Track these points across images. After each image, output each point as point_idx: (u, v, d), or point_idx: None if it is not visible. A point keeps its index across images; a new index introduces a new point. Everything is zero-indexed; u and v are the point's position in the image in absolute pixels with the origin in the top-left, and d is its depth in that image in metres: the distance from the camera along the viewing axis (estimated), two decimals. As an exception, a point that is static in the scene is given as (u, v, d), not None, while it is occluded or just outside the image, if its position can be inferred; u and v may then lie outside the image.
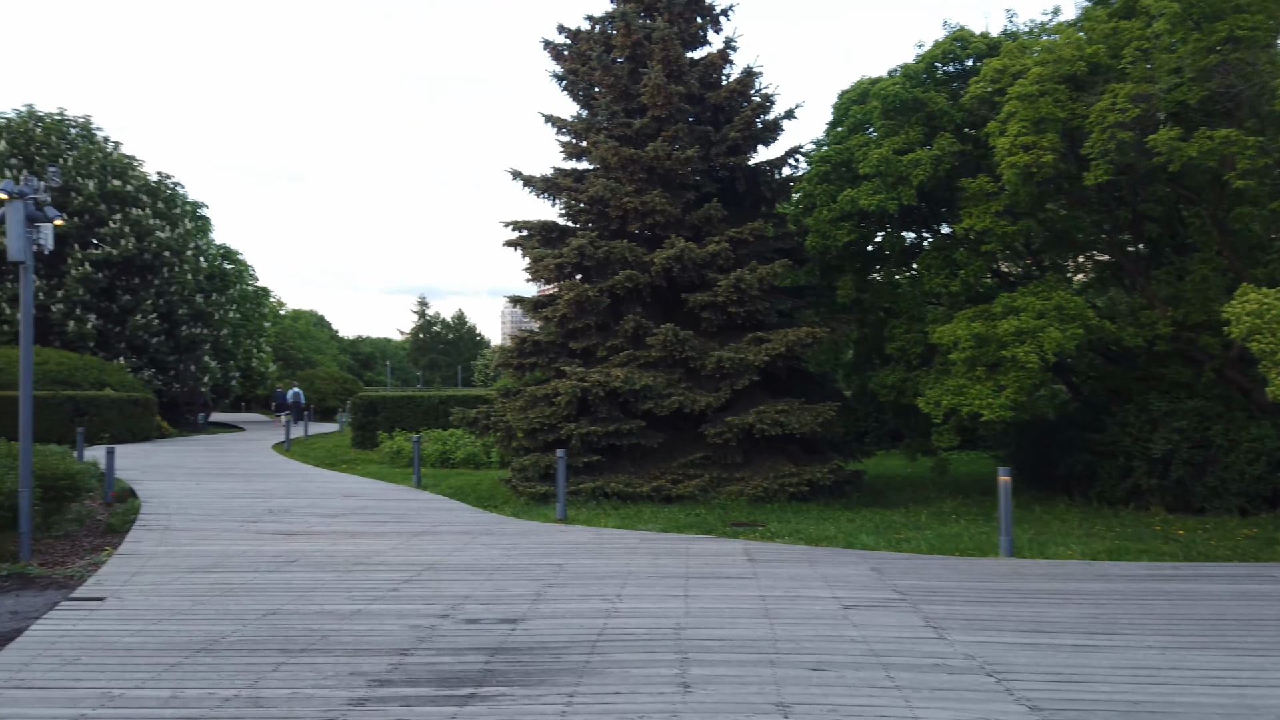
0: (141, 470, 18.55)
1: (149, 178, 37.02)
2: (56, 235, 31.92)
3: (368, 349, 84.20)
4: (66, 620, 7.05)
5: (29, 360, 10.63)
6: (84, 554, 10.44)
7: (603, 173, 16.00)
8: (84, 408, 26.42)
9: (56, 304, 32.35)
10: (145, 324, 33.80)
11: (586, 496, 14.01)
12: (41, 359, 28.85)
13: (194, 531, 11.33)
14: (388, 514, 13.05)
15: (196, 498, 14.55)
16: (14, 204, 10.25)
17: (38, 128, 35.17)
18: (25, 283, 10.56)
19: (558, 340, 15.91)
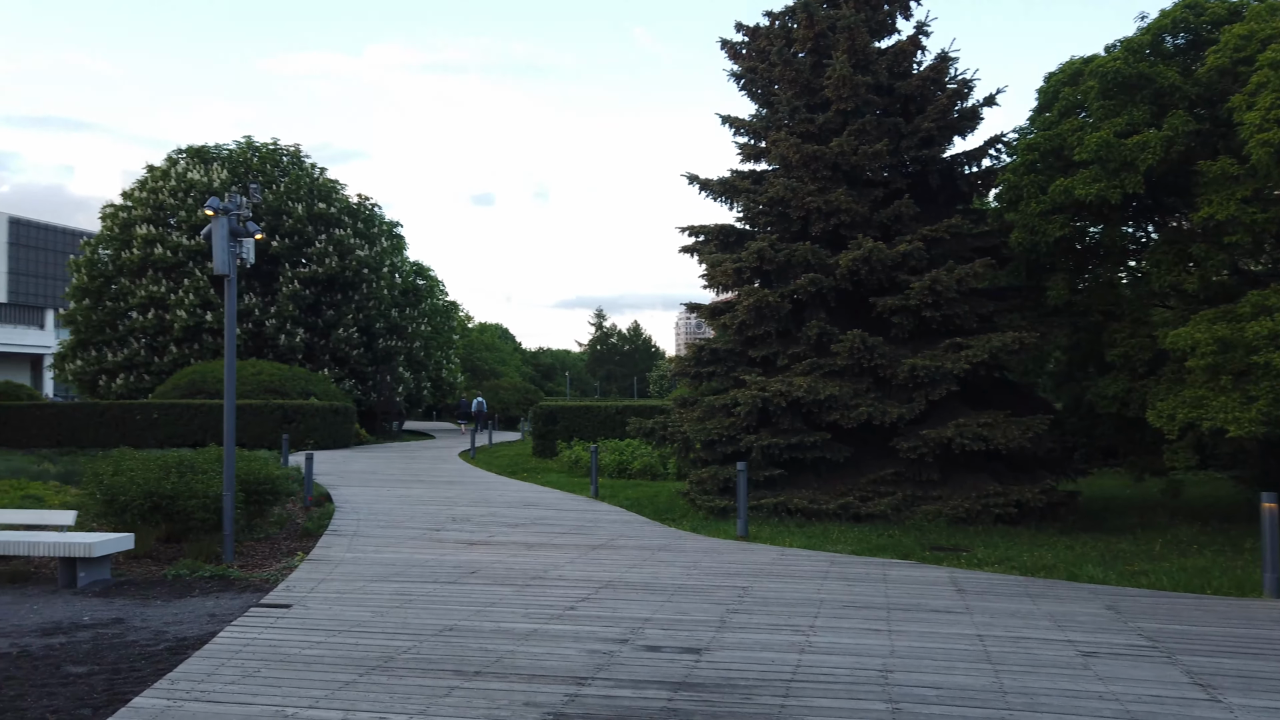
0: (339, 476, 19.40)
1: (350, 200, 39.45)
2: (271, 255, 34.52)
3: (548, 360, 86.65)
4: (253, 628, 7.08)
5: (233, 371, 11.10)
6: (280, 557, 10.76)
7: (783, 172, 15.27)
8: (291, 415, 28.19)
9: (270, 319, 34.91)
10: (346, 337, 35.91)
11: (768, 512, 13.28)
12: (256, 370, 31.16)
13: (380, 538, 11.49)
14: (566, 525, 12.83)
15: (386, 504, 14.92)
16: (219, 220, 10.74)
17: (254, 157, 38.25)
18: (229, 295, 11.05)
19: (736, 348, 15.28)
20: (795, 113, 15.38)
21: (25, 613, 8.23)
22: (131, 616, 8.04)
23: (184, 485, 10.78)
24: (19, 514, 10.09)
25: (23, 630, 7.58)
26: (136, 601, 8.66)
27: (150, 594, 8.99)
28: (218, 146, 38.82)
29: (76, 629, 7.62)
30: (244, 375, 30.47)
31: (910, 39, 15.39)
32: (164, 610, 8.27)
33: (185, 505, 10.60)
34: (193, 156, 38.40)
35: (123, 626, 7.66)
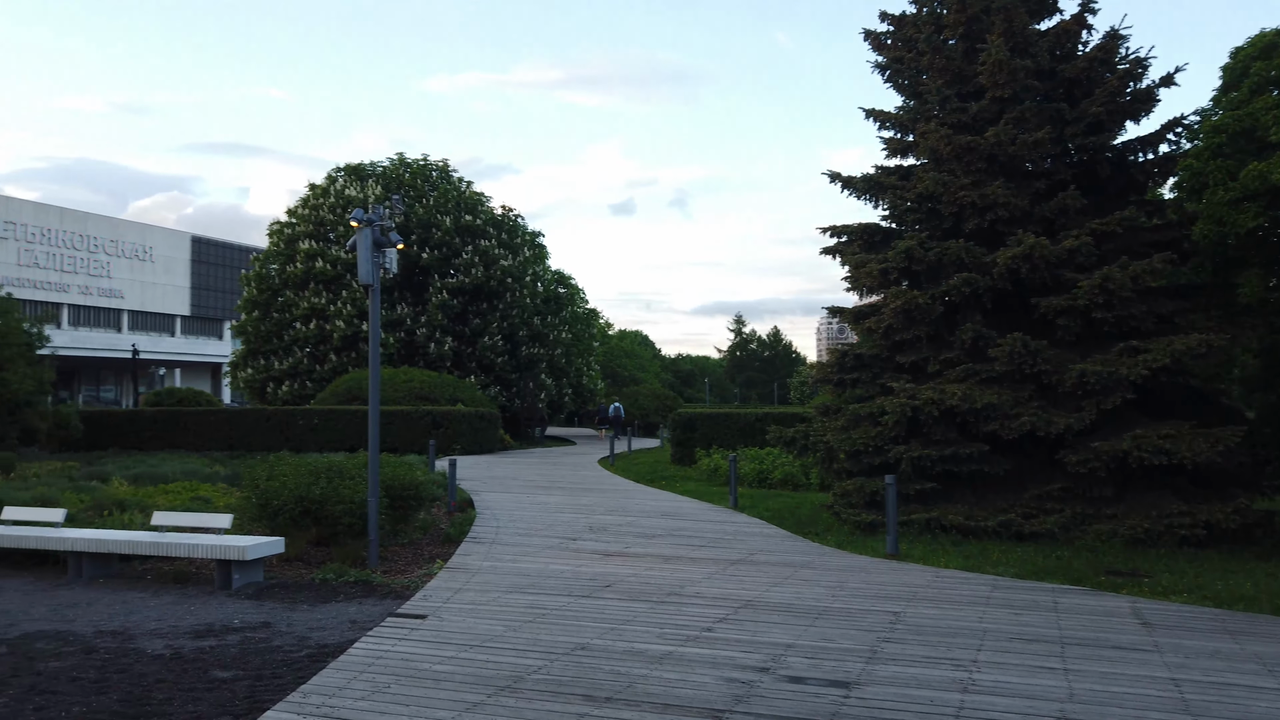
0: (482, 481, 19.71)
1: (495, 212, 40.51)
2: (422, 266, 35.68)
3: (687, 367, 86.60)
4: (388, 639, 7.05)
5: (377, 377, 11.31)
6: (422, 564, 10.86)
7: (933, 166, 14.40)
8: (440, 421, 29.04)
9: (420, 328, 36.21)
10: (492, 345, 36.82)
11: (919, 529, 12.47)
12: (408, 377, 32.32)
13: (518, 547, 11.44)
14: (704, 537, 12.44)
15: (525, 510, 14.97)
16: (363, 231, 10.97)
17: (406, 173, 39.83)
18: (373, 304, 11.27)
19: (882, 353, 14.51)
20: (946, 102, 14.49)
21: (183, 613, 8.56)
22: (278, 620, 8.21)
23: (331, 490, 11.04)
24: (183, 516, 10.59)
25: (178, 631, 7.85)
26: (285, 605, 8.86)
27: (298, 598, 9.20)
28: (373, 164, 40.67)
29: (227, 631, 7.82)
30: (396, 382, 31.66)
31: (1074, 18, 14.21)
32: (309, 615, 8.41)
33: (332, 510, 10.86)
34: (350, 174, 40.36)
35: (269, 631, 7.82)
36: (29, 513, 11.00)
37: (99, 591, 9.56)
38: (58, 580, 10.13)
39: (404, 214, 37.33)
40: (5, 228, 65.41)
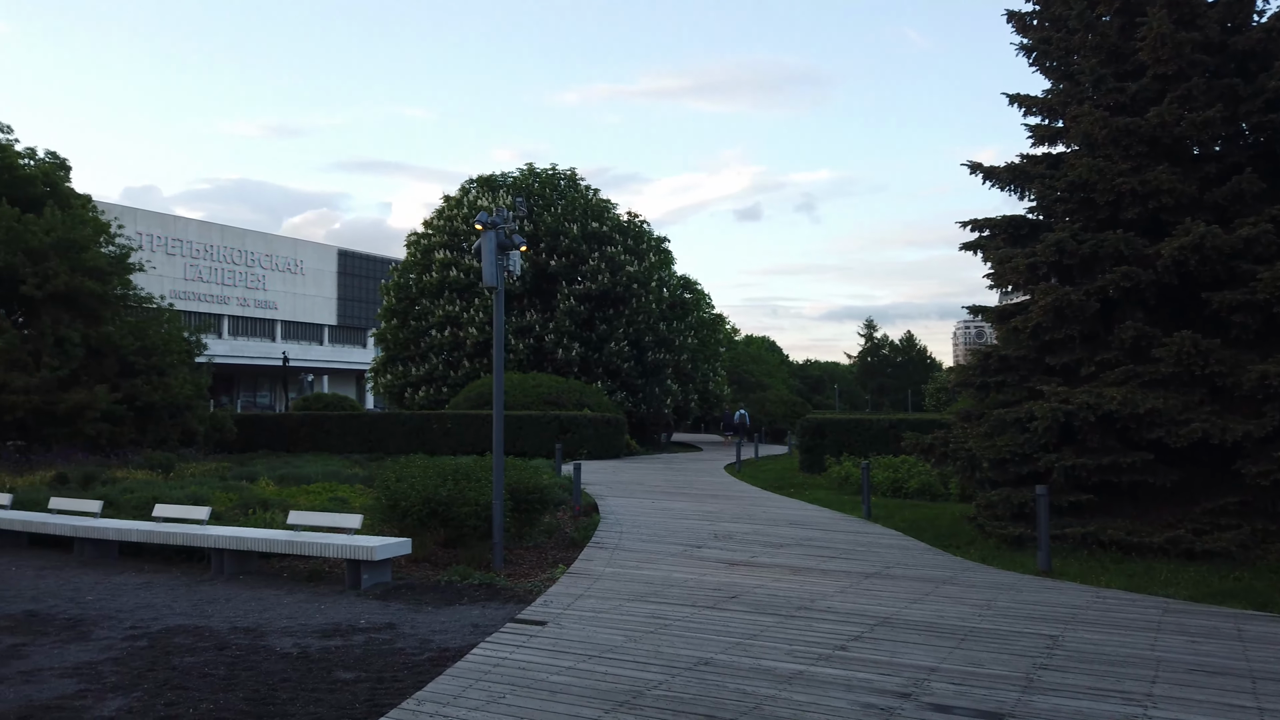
0: (607, 486, 19.61)
1: (620, 218, 40.69)
2: (550, 274, 36.13)
3: (816, 373, 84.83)
4: (506, 645, 6.89)
5: (500, 381, 11.28)
6: (545, 567, 10.74)
7: (1086, 152, 13.33)
8: (567, 426, 29.26)
9: (549, 334, 36.70)
10: (618, 350, 36.93)
11: (1074, 544, 11.49)
12: (536, 382, 32.77)
13: (641, 553, 11.17)
14: (835, 548, 11.85)
15: (650, 516, 14.71)
16: (487, 234, 10.97)
17: (535, 183, 40.51)
18: (497, 306, 11.26)
19: (1030, 355, 13.51)
20: (1100, 83, 13.39)
21: (313, 611, 8.68)
22: (403, 622, 8.20)
23: (457, 492, 11.08)
24: (316, 516, 10.84)
25: (307, 630, 7.93)
26: (410, 607, 8.87)
27: (423, 599, 9.20)
28: (504, 175, 41.56)
29: (353, 632, 7.85)
30: (525, 387, 32.13)
31: (1249, -17, 12.88)
32: (433, 617, 8.37)
33: (458, 512, 10.89)
34: (482, 185, 41.37)
35: (393, 633, 7.80)
36: (178, 510, 11.51)
37: (237, 588, 9.85)
38: (201, 576, 10.53)
39: (532, 222, 37.97)
40: (173, 245, 70.62)
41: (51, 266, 24.13)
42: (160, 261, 69.48)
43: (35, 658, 6.97)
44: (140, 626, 8.00)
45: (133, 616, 8.39)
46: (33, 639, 7.55)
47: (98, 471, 20.42)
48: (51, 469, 20.71)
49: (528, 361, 36.26)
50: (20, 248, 23.77)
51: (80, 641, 7.47)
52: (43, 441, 23.88)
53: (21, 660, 6.90)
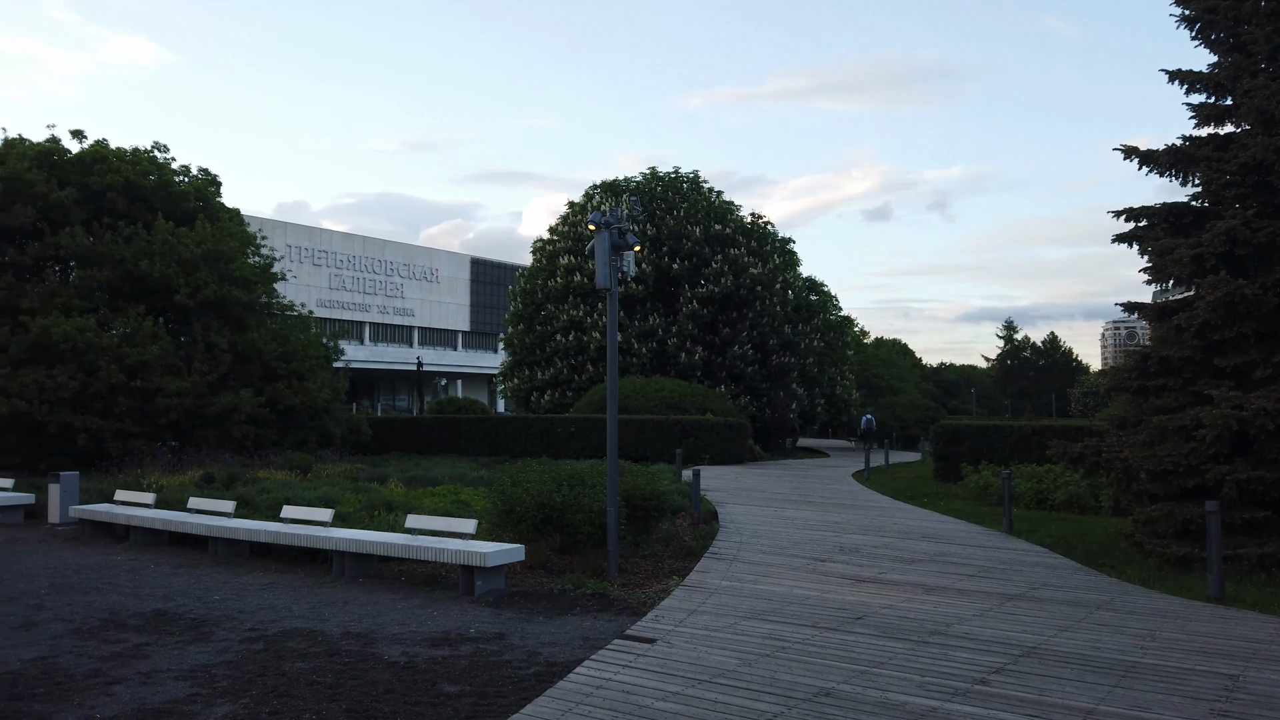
0: (728, 493, 19.10)
1: (744, 220, 40.08)
2: (673, 277, 35.83)
3: (951, 376, 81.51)
4: (612, 664, 6.53)
5: (614, 384, 10.99)
6: (661, 578, 10.37)
7: (1260, 130, 11.97)
8: (689, 430, 28.88)
9: (671, 338, 36.46)
10: (741, 354, 36.32)
11: (1251, 567, 10.25)
12: (659, 386, 32.55)
13: (760, 566, 10.64)
14: (973, 565, 10.99)
15: (771, 526, 14.13)
16: (601, 235, 10.70)
17: (657, 186, 40.38)
18: (611, 307, 10.97)
19: (1195, 356, 12.21)
20: (1277, 53, 12.00)
21: (425, 618, 8.58)
22: (512, 632, 7.98)
23: (571, 498, 10.85)
24: (432, 520, 10.82)
25: (417, 637, 7.81)
26: (521, 615, 8.67)
27: (535, 608, 8.99)
28: (626, 180, 41.63)
29: (462, 641, 7.68)
30: (646, 391, 31.96)
31: None
32: (543, 628, 8.12)
33: (572, 519, 10.65)
34: (605, 191, 41.57)
35: (501, 644, 7.59)
36: (303, 512, 11.74)
37: (356, 591, 9.90)
38: (323, 577, 10.67)
39: (655, 225, 37.82)
40: (319, 256, 74.50)
41: (202, 276, 25.51)
42: (307, 272, 73.45)
43: (156, 658, 7.09)
44: (258, 629, 8.07)
45: (253, 618, 8.51)
46: (157, 639, 7.71)
47: (241, 471, 21.39)
48: (201, 469, 21.85)
49: (650, 365, 36.10)
50: (174, 259, 25.23)
51: (200, 643, 7.58)
52: (194, 442, 25.26)
53: (143, 661, 7.02)
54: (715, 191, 40.77)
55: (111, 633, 7.89)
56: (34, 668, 6.77)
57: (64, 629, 8.00)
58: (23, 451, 22.79)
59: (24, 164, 24.91)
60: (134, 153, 28.12)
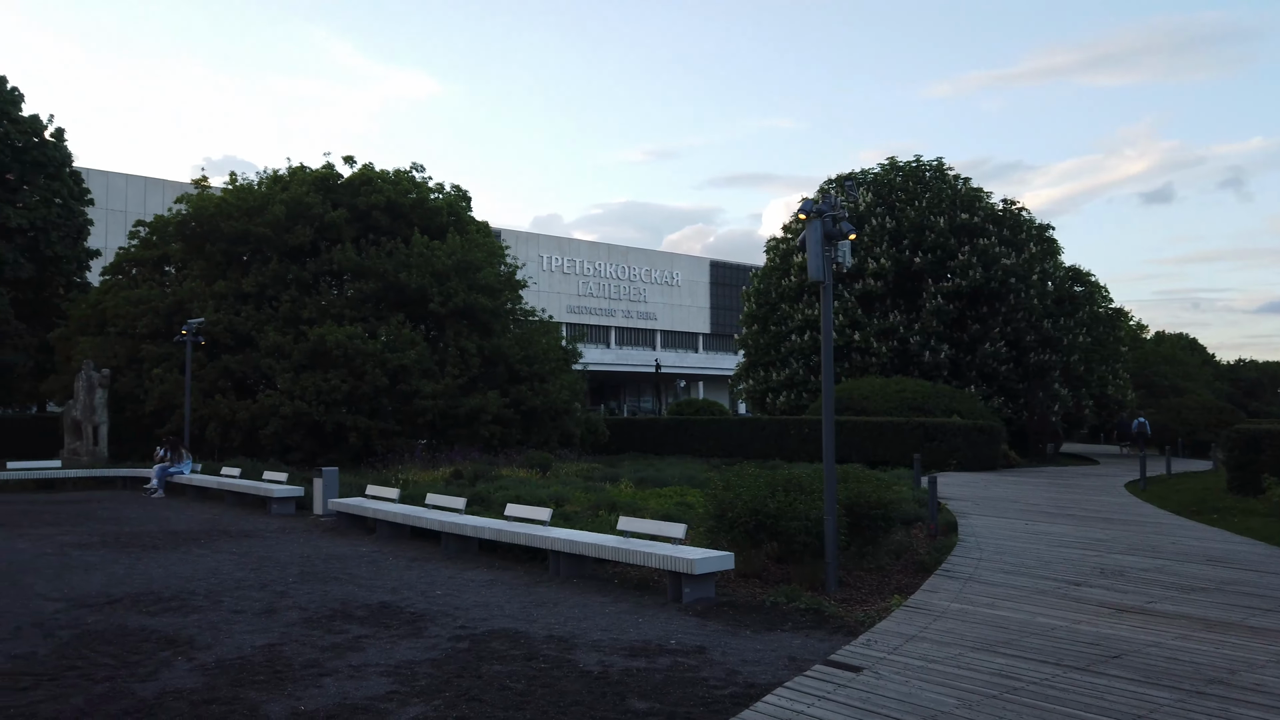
0: (973, 502, 17.56)
1: (994, 207, 37.20)
2: (914, 271, 33.96)
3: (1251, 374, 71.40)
4: (808, 694, 5.90)
5: (830, 384, 10.26)
6: (885, 594, 9.54)
7: None
8: (932, 434, 27.10)
9: (914, 335, 34.50)
10: (993, 352, 33.70)
11: None
12: (899, 387, 30.86)
13: (999, 587, 9.47)
14: (1271, 597, 9.17)
15: (1018, 542, 12.70)
16: (812, 223, 10.04)
17: (897, 176, 38.43)
18: (825, 303, 10.26)
19: None
20: None
21: (628, 625, 8.35)
22: (714, 646, 7.56)
23: (787, 505, 10.25)
24: (643, 523, 10.62)
25: (617, 645, 7.58)
26: (727, 628, 8.22)
27: (743, 621, 8.51)
28: (863, 172, 40.02)
29: (660, 653, 7.36)
30: (887, 392, 30.41)
31: None
32: (748, 644, 7.63)
33: (786, 526, 10.05)
34: (839, 185, 40.18)
35: (701, 658, 7.18)
36: (525, 510, 11.98)
37: (568, 591, 9.89)
38: (540, 576, 10.79)
39: (894, 218, 36.01)
40: (569, 264, 78.44)
41: (452, 286, 27.31)
42: (557, 280, 77.60)
43: (369, 652, 7.34)
44: (468, 627, 8.20)
45: (466, 615, 8.67)
46: (376, 632, 8.02)
47: (486, 469, 22.59)
48: (452, 466, 23.31)
49: (890, 365, 34.37)
50: (428, 270, 27.17)
51: (412, 639, 7.79)
52: (447, 441, 27.06)
53: (357, 653, 7.29)
54: (962, 179, 38.17)
55: (338, 623, 8.31)
56: (262, 654, 7.22)
57: (298, 617, 8.54)
58: (306, 448, 25.44)
59: (304, 189, 27.87)
60: (395, 174, 30.68)
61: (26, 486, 21.53)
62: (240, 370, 25.73)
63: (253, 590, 9.78)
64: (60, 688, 6.36)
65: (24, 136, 34.48)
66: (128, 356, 26.59)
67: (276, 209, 26.85)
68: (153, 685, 6.41)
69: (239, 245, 27.38)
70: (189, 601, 9.17)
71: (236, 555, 12.17)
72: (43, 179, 34.92)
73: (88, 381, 25.17)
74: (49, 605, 9.01)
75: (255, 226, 26.80)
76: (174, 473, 20.36)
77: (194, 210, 27.90)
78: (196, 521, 15.75)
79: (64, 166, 36.02)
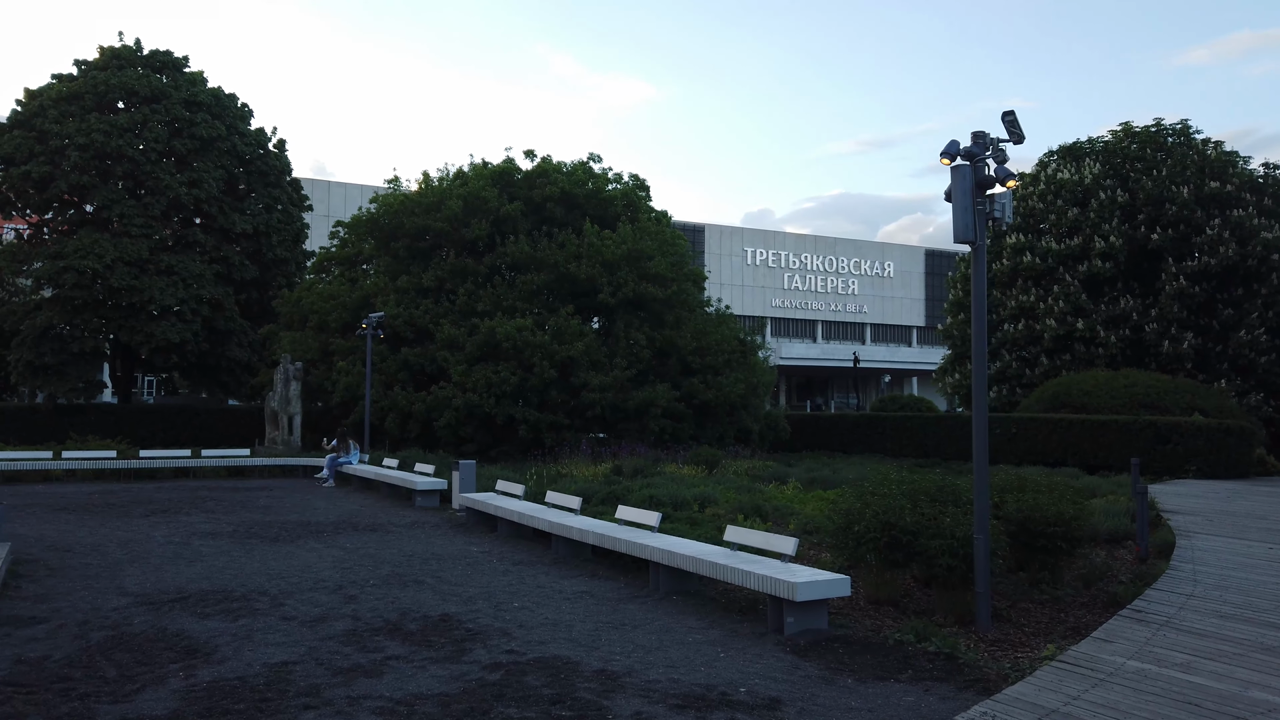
0: (1206, 518, 14.42)
1: (1253, 173, 31.78)
2: (1151, 249, 29.44)
3: None
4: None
5: (982, 369, 8.25)
6: (1057, 635, 7.49)
7: None
8: (1165, 435, 23.21)
9: (1150, 323, 30.10)
10: (1250, 340, 28.74)
11: None
12: (1128, 381, 26.86)
13: (1206, 638, 7.12)
14: None
15: (1252, 573, 9.92)
16: (960, 170, 8.09)
17: (1132, 144, 33.71)
18: (977, 267, 8.28)
19: None
20: None
21: (703, 661, 6.90)
22: (795, 699, 5.98)
23: (931, 517, 8.37)
24: (751, 534, 9.03)
25: (671, 690, 6.18)
26: (825, 672, 6.59)
27: (849, 663, 6.84)
28: (1091, 141, 35.51)
29: (720, 705, 5.88)
30: (1112, 387, 26.54)
31: None
32: (844, 697, 6.01)
33: (926, 545, 8.17)
34: (1064, 156, 35.93)
35: (770, 718, 5.63)
36: (634, 514, 10.74)
37: (660, 611, 8.55)
38: (640, 589, 9.50)
39: (1127, 190, 31.54)
40: (774, 258, 76.57)
41: (622, 276, 26.52)
42: (763, 275, 75.99)
43: (386, 679, 6.37)
44: (517, 652, 7.06)
45: (525, 636, 7.55)
46: (413, 652, 7.06)
47: (648, 465, 21.57)
48: (616, 460, 22.49)
49: (1123, 357, 30.14)
50: (598, 261, 26.54)
51: (446, 663, 6.75)
52: (616, 435, 26.33)
53: (371, 679, 6.34)
54: (1214, 143, 32.83)
55: (380, 639, 7.42)
56: (267, 675, 6.42)
57: (342, 628, 7.74)
58: (479, 440, 25.53)
59: (481, 184, 28.07)
60: (573, 165, 30.36)
61: (220, 473, 22.87)
62: (418, 363, 26.23)
63: (324, 593, 9.15)
64: (28, 704, 5.80)
65: (250, 149, 37.43)
66: (320, 350, 27.86)
67: (453, 204, 27.18)
68: (120, 709, 5.72)
69: (420, 241, 27.98)
70: (252, 603, 8.64)
71: (345, 551, 11.74)
72: (265, 187, 37.76)
73: (284, 374, 26.58)
74: (116, 600, 8.76)
75: (434, 222, 27.26)
76: (343, 462, 20.84)
77: (381, 209, 28.86)
78: (339, 512, 15.75)
79: (284, 175, 38.78)
